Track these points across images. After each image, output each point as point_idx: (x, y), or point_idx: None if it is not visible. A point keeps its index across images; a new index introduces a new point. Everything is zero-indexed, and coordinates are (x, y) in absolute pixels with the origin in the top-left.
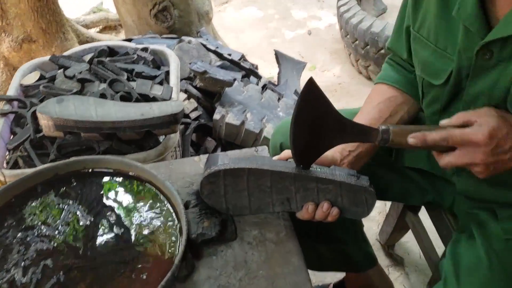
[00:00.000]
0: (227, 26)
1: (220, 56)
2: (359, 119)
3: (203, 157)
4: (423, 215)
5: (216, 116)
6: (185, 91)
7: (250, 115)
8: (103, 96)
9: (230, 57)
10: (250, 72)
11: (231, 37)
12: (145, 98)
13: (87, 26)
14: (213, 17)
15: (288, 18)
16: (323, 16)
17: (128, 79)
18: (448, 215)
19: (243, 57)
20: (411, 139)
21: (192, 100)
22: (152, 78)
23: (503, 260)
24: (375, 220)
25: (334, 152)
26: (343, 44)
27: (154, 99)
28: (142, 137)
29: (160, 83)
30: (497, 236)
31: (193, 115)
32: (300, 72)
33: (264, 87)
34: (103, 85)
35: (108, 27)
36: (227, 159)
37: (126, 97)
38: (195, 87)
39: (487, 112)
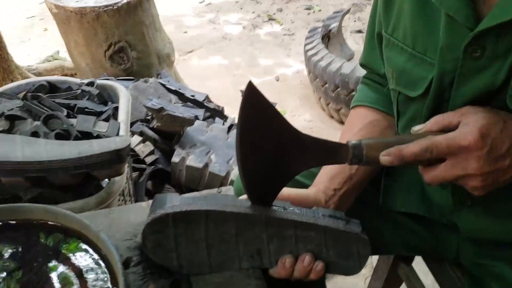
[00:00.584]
0: (192, 74)
1: (181, 96)
2: None
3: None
4: (418, 264)
5: (175, 158)
6: (140, 134)
7: (214, 156)
8: (35, 134)
9: (193, 98)
10: (215, 113)
11: (196, 83)
12: (86, 136)
13: (41, 74)
14: (177, 64)
15: (255, 65)
16: (290, 62)
17: (68, 116)
18: (453, 267)
19: (207, 98)
20: (384, 157)
21: (148, 143)
22: (97, 114)
23: None
24: (361, 274)
25: (317, 193)
26: (312, 88)
27: (98, 137)
28: (80, 181)
29: (106, 120)
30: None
31: (149, 159)
32: None
33: (231, 127)
34: (37, 123)
35: (64, 76)
36: (178, 200)
37: (64, 135)
38: (152, 128)
39: (471, 110)
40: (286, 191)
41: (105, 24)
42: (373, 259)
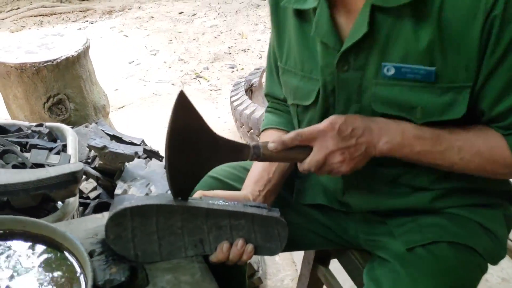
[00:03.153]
0: (125, 127)
1: (119, 140)
2: (255, 166)
3: (107, 214)
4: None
5: (118, 191)
6: (84, 172)
7: (154, 188)
8: None
9: (130, 142)
10: (152, 154)
11: (130, 134)
12: (40, 167)
13: None
14: (110, 114)
15: None
16: (218, 114)
17: (22, 151)
18: (355, 253)
19: (143, 142)
20: (271, 144)
21: (90, 180)
22: (48, 150)
23: (417, 266)
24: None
25: (246, 194)
26: (239, 135)
27: None
28: (38, 203)
29: (57, 154)
30: (400, 250)
31: (92, 194)
32: None
33: None
34: None
35: None
36: (134, 198)
37: (20, 167)
38: (94, 168)
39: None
40: (222, 192)
41: (44, 78)
42: (298, 272)
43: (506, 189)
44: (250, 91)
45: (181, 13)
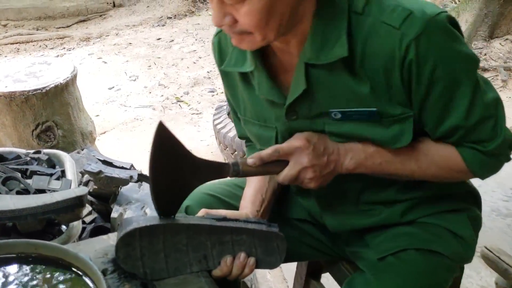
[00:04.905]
0: (108, 152)
1: (110, 165)
2: (248, 188)
3: (112, 235)
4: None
5: (114, 214)
6: None
7: (149, 210)
8: None
9: (121, 166)
10: (142, 177)
11: (115, 159)
12: (43, 193)
13: None
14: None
15: None
16: (201, 137)
17: (23, 178)
18: (345, 263)
19: (132, 166)
20: (250, 160)
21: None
22: (49, 175)
23: (387, 272)
24: None
25: (246, 213)
26: (223, 157)
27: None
28: (43, 228)
29: (58, 179)
30: (373, 260)
31: (88, 219)
32: None
33: None
34: None
35: None
36: (141, 219)
37: (23, 193)
38: (88, 192)
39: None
40: (224, 211)
41: (33, 106)
42: (289, 283)
43: (468, 189)
44: None
45: (159, 39)
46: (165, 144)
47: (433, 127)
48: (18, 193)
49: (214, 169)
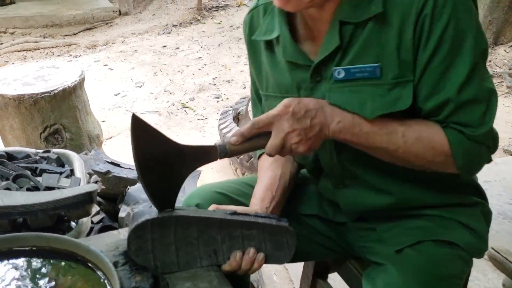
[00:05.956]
0: (115, 157)
1: (118, 166)
2: (258, 186)
3: (122, 230)
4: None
5: (122, 214)
6: None
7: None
8: (7, 190)
9: (129, 168)
10: None
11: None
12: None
13: None
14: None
15: None
16: (206, 142)
17: (33, 176)
18: (354, 263)
19: None
20: (232, 138)
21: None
22: (58, 174)
23: (406, 263)
24: None
25: (256, 209)
26: (228, 161)
27: None
28: (53, 224)
29: (67, 177)
30: (391, 253)
31: (96, 219)
32: (196, 179)
33: None
34: (7, 182)
35: None
36: (154, 213)
37: (33, 191)
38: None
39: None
40: (234, 207)
41: (42, 109)
42: (295, 284)
43: (476, 185)
44: (237, 119)
45: (164, 46)
46: (145, 139)
47: (426, 96)
48: (28, 190)
49: (202, 154)
